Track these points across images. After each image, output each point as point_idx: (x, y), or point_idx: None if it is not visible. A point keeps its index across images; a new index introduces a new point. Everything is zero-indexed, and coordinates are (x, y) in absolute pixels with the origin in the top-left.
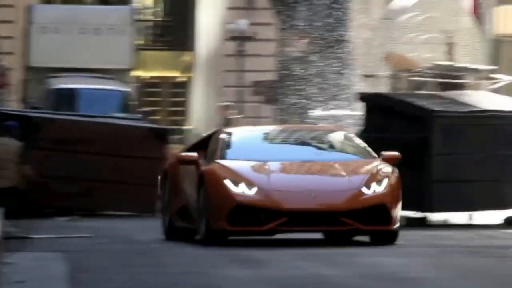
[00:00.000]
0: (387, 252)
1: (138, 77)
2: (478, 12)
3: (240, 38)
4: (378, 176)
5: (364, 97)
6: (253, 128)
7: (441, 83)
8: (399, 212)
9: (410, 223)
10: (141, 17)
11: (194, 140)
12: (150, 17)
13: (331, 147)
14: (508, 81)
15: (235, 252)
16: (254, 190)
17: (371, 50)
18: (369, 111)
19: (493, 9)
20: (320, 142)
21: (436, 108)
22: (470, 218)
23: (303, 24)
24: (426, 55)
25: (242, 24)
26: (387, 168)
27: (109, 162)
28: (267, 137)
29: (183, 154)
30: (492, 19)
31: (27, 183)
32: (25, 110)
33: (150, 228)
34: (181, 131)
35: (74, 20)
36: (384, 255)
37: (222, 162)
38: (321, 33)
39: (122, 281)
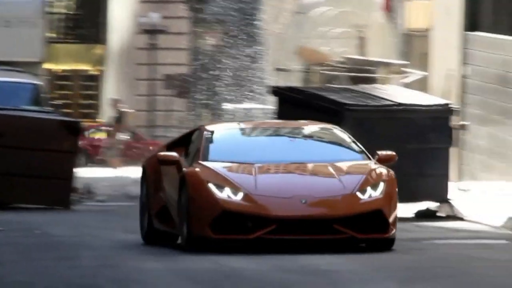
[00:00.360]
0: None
1: (49, 70)
2: (390, 7)
3: (152, 31)
4: (373, 179)
5: (276, 91)
6: (237, 126)
7: (352, 77)
8: (396, 217)
9: None
10: (53, 9)
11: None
12: (62, 10)
13: (321, 146)
14: (419, 76)
15: (151, 247)
16: (240, 196)
17: (283, 45)
18: (281, 105)
19: (405, 4)
20: (310, 141)
21: (347, 102)
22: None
23: (214, 18)
24: (338, 49)
25: (154, 17)
26: (382, 170)
27: (22, 155)
28: (252, 136)
29: (163, 153)
30: (403, 13)
31: None
32: None
33: (64, 222)
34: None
35: None
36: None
37: (205, 163)
38: (232, 27)
39: (34, 273)
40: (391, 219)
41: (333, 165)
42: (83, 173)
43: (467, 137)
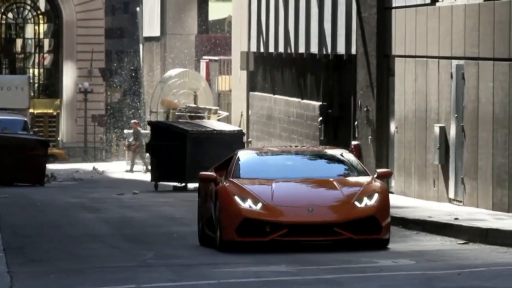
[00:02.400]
0: (169, 202)
1: (32, 113)
2: (209, 78)
3: (85, 91)
4: (369, 191)
5: (151, 123)
6: (263, 150)
7: (191, 116)
8: (389, 222)
9: (176, 189)
10: (32, 80)
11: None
12: (36, 80)
13: (329, 165)
14: (225, 115)
15: (83, 202)
16: (259, 206)
17: (154, 98)
18: (154, 131)
19: (217, 77)
20: (320, 162)
21: (188, 129)
22: None
23: (118, 83)
24: (183, 100)
25: (85, 84)
26: (377, 184)
27: (17, 157)
28: (273, 158)
29: (203, 173)
30: (217, 81)
31: None
32: None
33: (41, 192)
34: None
35: None
36: (167, 205)
37: (234, 180)
38: (125, 87)
39: (26, 218)
40: (384, 223)
41: (337, 180)
42: (50, 166)
43: (251, 147)
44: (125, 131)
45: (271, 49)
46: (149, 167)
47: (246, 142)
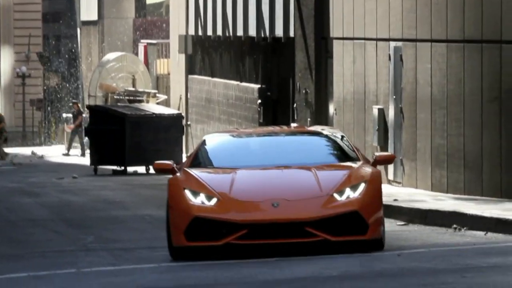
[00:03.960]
0: (109, 186)
1: None
2: (147, 61)
3: (23, 76)
4: (354, 180)
5: (89, 107)
6: (233, 133)
7: (129, 100)
8: (380, 218)
9: (115, 173)
10: None
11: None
12: None
13: (311, 149)
14: (164, 98)
15: (22, 186)
16: (213, 201)
17: (92, 82)
18: (93, 114)
19: (156, 60)
20: (300, 145)
21: (127, 112)
22: (148, 170)
23: (56, 68)
24: (121, 84)
25: (23, 68)
26: (366, 171)
27: None
28: (245, 142)
29: (158, 162)
30: (155, 65)
31: None
32: None
33: None
34: None
35: None
36: (107, 189)
37: (191, 170)
38: (63, 72)
39: None
40: (371, 220)
41: (318, 167)
42: None
43: (190, 130)
44: (64, 115)
45: (209, 32)
46: (87, 150)
47: (185, 125)
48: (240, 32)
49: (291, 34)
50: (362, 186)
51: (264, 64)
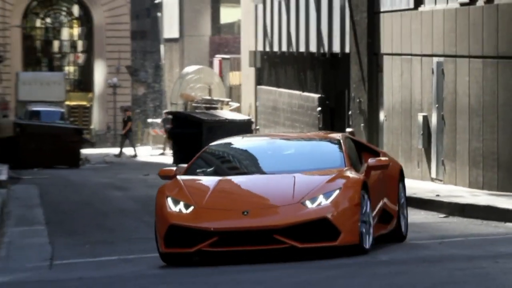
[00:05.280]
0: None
1: (68, 105)
2: (221, 74)
3: (114, 86)
4: (329, 187)
5: (172, 113)
6: (239, 140)
7: (206, 107)
8: (355, 223)
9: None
10: (67, 76)
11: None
12: (71, 77)
13: (306, 156)
14: (236, 105)
15: (113, 181)
16: (190, 210)
17: (174, 91)
18: (175, 119)
19: (229, 73)
20: (298, 152)
21: (204, 118)
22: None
23: (143, 78)
24: (199, 94)
25: (115, 80)
26: (344, 178)
27: (56, 142)
28: (244, 150)
29: (163, 169)
30: (228, 77)
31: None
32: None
33: (76, 173)
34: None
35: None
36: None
37: (181, 178)
38: (149, 82)
39: (66, 196)
40: (344, 226)
41: (301, 175)
42: (84, 151)
43: (260, 133)
44: (149, 120)
45: (275, 48)
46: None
47: (255, 130)
48: (302, 49)
49: (347, 50)
50: (335, 193)
51: (323, 77)
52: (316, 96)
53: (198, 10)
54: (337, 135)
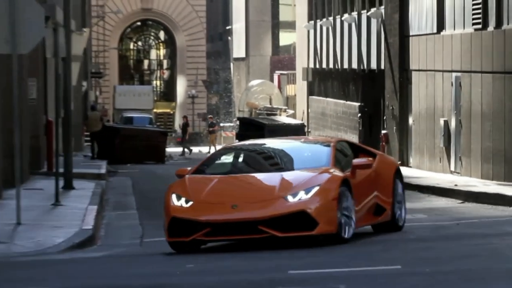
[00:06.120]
0: None
1: (155, 112)
2: (280, 86)
3: (192, 97)
4: (309, 184)
5: (239, 118)
6: (246, 144)
7: (267, 113)
8: (333, 215)
9: None
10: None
11: None
12: (158, 89)
13: (298, 158)
14: (292, 112)
15: None
16: (189, 204)
17: (241, 101)
18: (241, 124)
19: (286, 86)
20: (292, 154)
21: (266, 122)
22: None
23: (214, 89)
24: (262, 103)
25: (194, 92)
26: (325, 176)
27: (145, 143)
28: (248, 152)
29: (179, 169)
30: (285, 89)
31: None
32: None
33: (162, 168)
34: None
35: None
36: None
37: (188, 176)
38: (221, 93)
39: (153, 186)
40: (322, 218)
41: (288, 174)
42: (168, 149)
43: (310, 135)
44: (221, 124)
45: (324, 65)
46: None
47: (307, 132)
48: (345, 65)
49: (382, 67)
50: (315, 189)
51: (362, 88)
52: (357, 104)
53: (261, 34)
54: (330, 140)
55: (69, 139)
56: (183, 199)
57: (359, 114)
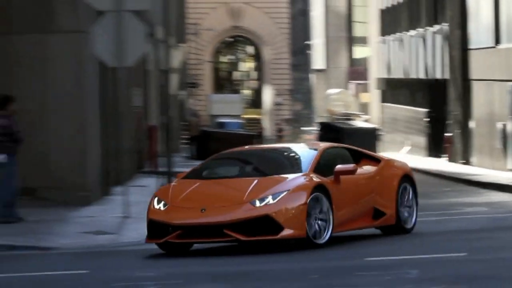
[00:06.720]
0: None
1: (244, 117)
2: (356, 94)
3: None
4: (279, 189)
5: (321, 123)
6: (235, 151)
7: (344, 119)
8: (299, 219)
9: None
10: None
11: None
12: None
13: (279, 163)
14: (366, 117)
15: None
16: (165, 207)
17: (320, 109)
18: (322, 127)
19: (360, 94)
20: (275, 160)
21: (343, 126)
22: None
23: (297, 96)
24: (339, 109)
25: (279, 100)
26: (295, 182)
27: (235, 146)
28: (237, 158)
29: (179, 173)
30: (360, 97)
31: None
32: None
33: None
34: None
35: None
36: None
37: (176, 180)
38: (303, 101)
39: None
40: (288, 223)
41: (263, 178)
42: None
43: (383, 138)
44: (302, 128)
45: (394, 75)
46: None
47: (379, 135)
48: (413, 75)
49: (446, 76)
50: (282, 194)
51: (429, 96)
52: (424, 110)
53: (338, 49)
54: (320, 146)
55: (169, 141)
56: (162, 203)
57: (426, 119)
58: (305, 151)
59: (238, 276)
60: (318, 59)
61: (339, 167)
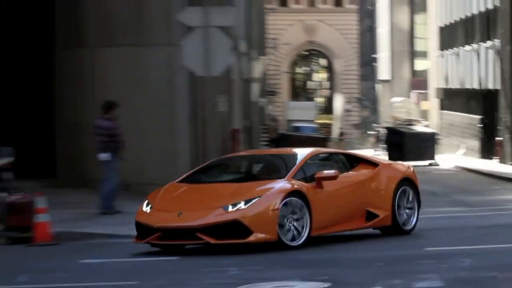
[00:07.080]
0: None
1: (317, 122)
2: (417, 102)
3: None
4: (251, 195)
5: (387, 128)
6: (235, 156)
7: (407, 124)
8: (271, 223)
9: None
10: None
11: None
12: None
13: (264, 169)
14: (426, 123)
15: None
16: (150, 210)
17: (385, 115)
18: (388, 132)
19: (421, 102)
20: (261, 165)
21: (405, 131)
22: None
23: (365, 104)
24: (402, 115)
25: (341, 105)
26: (267, 187)
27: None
28: (228, 164)
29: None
30: (421, 104)
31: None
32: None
33: None
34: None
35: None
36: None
37: (170, 183)
38: (370, 108)
39: None
40: (258, 227)
41: (241, 185)
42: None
43: (441, 142)
44: (368, 132)
45: (451, 86)
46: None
47: (438, 139)
48: (468, 86)
49: (497, 87)
50: (254, 200)
51: (481, 104)
52: (477, 117)
53: (401, 61)
54: (308, 152)
55: (251, 143)
56: (149, 206)
57: (480, 125)
58: (292, 157)
59: (313, 263)
60: (383, 71)
61: (320, 173)
